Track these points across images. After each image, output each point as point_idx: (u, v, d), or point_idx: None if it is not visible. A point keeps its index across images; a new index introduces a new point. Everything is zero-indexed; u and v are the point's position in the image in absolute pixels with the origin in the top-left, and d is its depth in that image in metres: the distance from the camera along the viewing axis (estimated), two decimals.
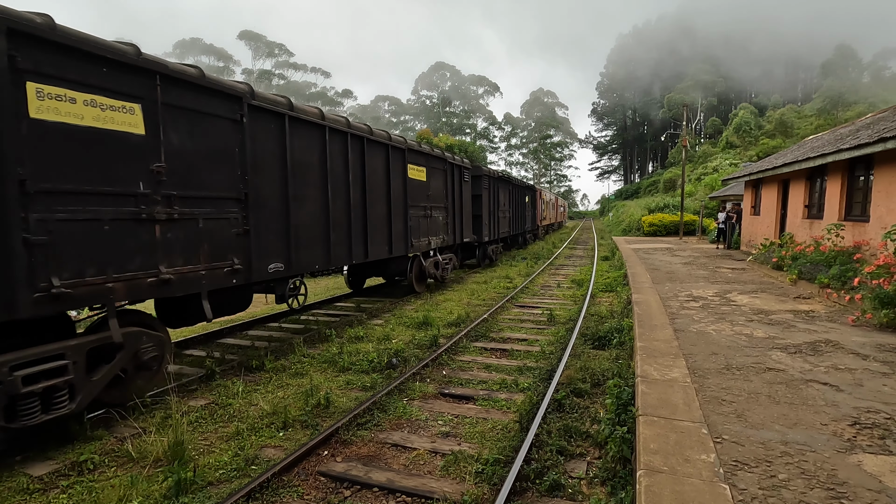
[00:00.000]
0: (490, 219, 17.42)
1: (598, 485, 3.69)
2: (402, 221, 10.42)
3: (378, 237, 9.46)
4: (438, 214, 12.24)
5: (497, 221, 18.57)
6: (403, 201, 10.47)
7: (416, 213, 10.99)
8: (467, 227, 14.51)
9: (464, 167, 14.07)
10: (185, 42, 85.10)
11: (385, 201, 9.74)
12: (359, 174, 8.81)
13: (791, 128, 54.32)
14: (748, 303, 8.60)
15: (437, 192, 12.22)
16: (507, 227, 20.85)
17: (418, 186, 11.15)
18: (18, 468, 4.03)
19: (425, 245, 11.50)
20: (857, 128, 13.01)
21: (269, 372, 6.28)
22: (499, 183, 18.78)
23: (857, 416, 3.92)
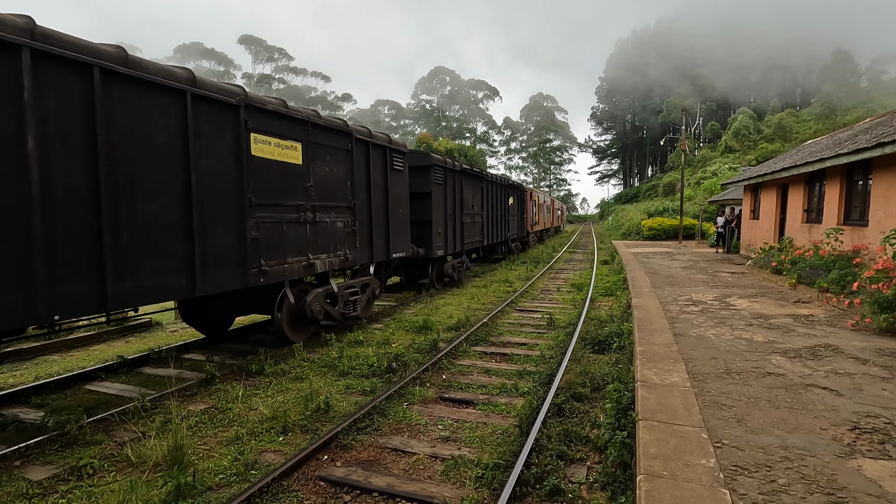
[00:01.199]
0: (448, 225, 13.29)
1: (598, 489, 3.69)
2: (235, 230, 6.14)
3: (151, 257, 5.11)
4: (337, 219, 8.07)
5: (460, 228, 14.27)
6: (236, 195, 6.13)
7: (276, 216, 6.78)
8: (399, 237, 10.23)
9: (392, 149, 9.74)
10: (186, 46, 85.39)
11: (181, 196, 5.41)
12: None
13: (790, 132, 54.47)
14: (748, 307, 8.61)
15: (332, 185, 7.94)
16: (480, 235, 16.47)
17: (283, 172, 6.89)
18: (18, 473, 4.02)
19: (299, 269, 7.18)
20: (855, 132, 13.06)
21: (269, 376, 6.28)
22: (462, 178, 14.52)
23: (856, 420, 3.92)
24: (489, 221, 17.64)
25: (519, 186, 23.67)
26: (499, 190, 19.03)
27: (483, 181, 16.87)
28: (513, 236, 21.88)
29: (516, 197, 22.71)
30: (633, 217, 40.57)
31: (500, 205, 19.23)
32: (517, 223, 23.04)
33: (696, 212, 32.77)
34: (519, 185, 23.85)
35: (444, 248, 13.03)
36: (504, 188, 19.93)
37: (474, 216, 15.85)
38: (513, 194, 21.70)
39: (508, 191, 20.74)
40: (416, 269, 13.53)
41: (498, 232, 18.97)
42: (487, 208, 17.42)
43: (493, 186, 18.10)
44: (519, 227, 23.46)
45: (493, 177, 18.22)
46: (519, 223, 23.44)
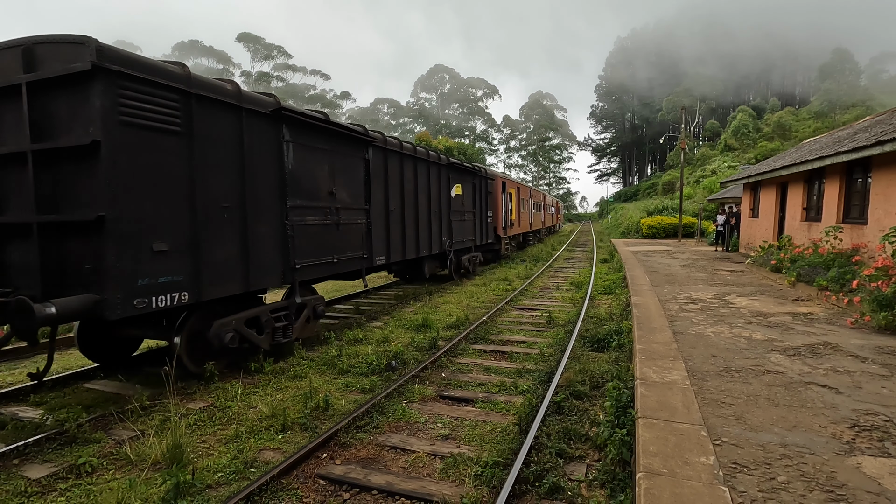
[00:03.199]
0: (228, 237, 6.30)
1: (598, 487, 3.69)
2: None
3: None
4: None
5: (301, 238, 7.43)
6: None
7: None
8: None
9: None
10: (185, 44, 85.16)
11: None
12: None
13: (789, 130, 54.51)
14: (747, 305, 8.61)
15: None
16: (361, 247, 8.90)
17: None
18: (16, 471, 4.01)
19: None
20: (854, 131, 13.06)
21: (268, 374, 6.27)
22: (307, 137, 7.46)
23: (856, 418, 3.92)
24: (398, 223, 10.21)
25: (477, 171, 15.64)
26: (428, 172, 11.64)
27: (379, 152, 9.43)
28: (464, 244, 14.43)
29: (474, 186, 15.32)
30: (633, 215, 40.60)
31: (431, 196, 11.84)
32: (476, 225, 15.57)
33: (695, 210, 32.80)
34: (477, 170, 15.70)
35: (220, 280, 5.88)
36: (441, 170, 12.50)
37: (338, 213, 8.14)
38: (463, 182, 14.13)
39: (451, 175, 13.18)
40: None
41: (425, 239, 11.49)
42: (393, 200, 10.02)
43: (407, 163, 10.58)
44: (481, 231, 16.15)
45: (402, 147, 10.36)
46: (479, 225, 15.98)
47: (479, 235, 16.24)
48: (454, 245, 13.67)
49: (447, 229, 13.13)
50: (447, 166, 13.02)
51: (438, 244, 12.55)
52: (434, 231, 12.17)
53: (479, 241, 16.13)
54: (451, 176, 13.41)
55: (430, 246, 11.95)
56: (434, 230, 12.16)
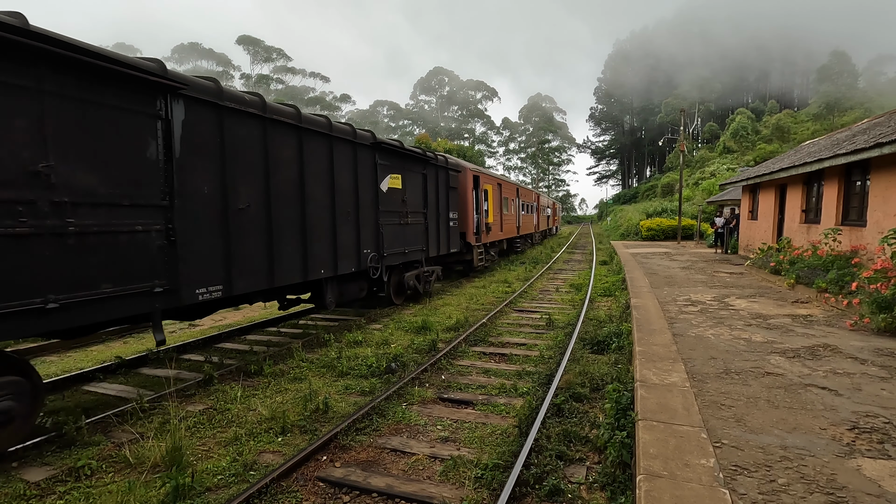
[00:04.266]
0: None
1: (598, 490, 3.69)
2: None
3: None
4: None
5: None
6: None
7: None
8: None
9: None
10: (184, 47, 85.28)
11: None
12: None
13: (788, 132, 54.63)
14: (746, 307, 8.62)
15: None
16: (218, 267, 5.84)
17: None
18: (15, 474, 4.00)
19: None
20: (853, 133, 13.09)
21: (268, 377, 6.26)
22: None
23: (855, 420, 3.92)
24: (257, 228, 6.51)
25: (430, 159, 11.76)
26: (331, 152, 7.97)
27: (204, 110, 5.69)
28: (407, 257, 10.68)
29: (426, 179, 11.51)
30: (632, 218, 40.64)
31: (337, 188, 8.11)
32: (431, 231, 11.88)
33: (694, 212, 32.85)
34: (430, 158, 11.79)
35: None
36: (361, 152, 8.78)
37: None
38: (406, 172, 10.50)
39: (381, 160, 9.43)
40: None
41: (323, 252, 7.84)
42: (243, 191, 6.32)
43: (278, 135, 6.83)
44: (439, 238, 12.44)
45: (265, 108, 6.58)
46: (437, 231, 12.26)
47: (437, 243, 12.28)
48: (388, 258, 9.73)
49: (373, 237, 9.14)
50: (372, 147, 9.06)
51: (354, 258, 8.53)
52: (344, 240, 8.22)
53: (436, 250, 12.20)
54: (383, 162, 9.44)
55: (334, 262, 7.97)
56: (344, 238, 8.22)
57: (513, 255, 23.23)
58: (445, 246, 12.96)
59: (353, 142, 8.46)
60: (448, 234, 13.11)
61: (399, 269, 10.83)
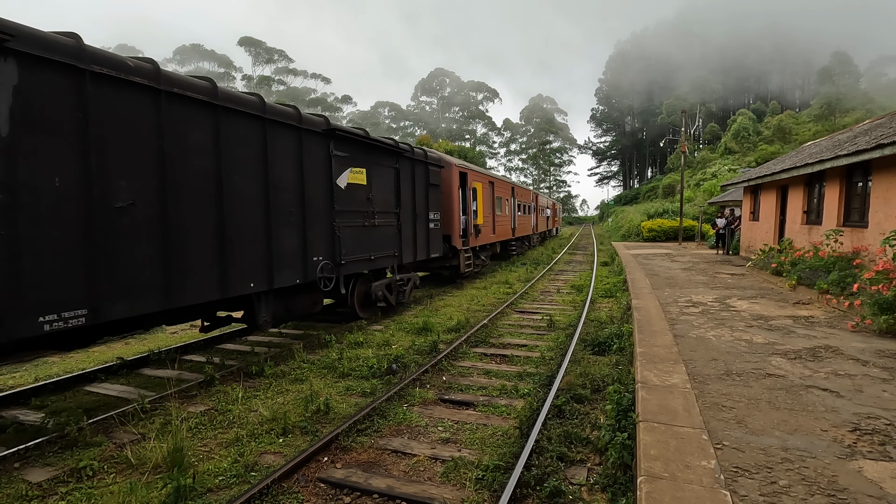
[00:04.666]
0: None
1: (599, 491, 3.68)
2: None
3: None
4: None
5: None
6: None
7: None
8: None
9: None
10: (186, 48, 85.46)
11: None
12: None
13: (789, 133, 54.56)
14: (748, 308, 8.61)
15: None
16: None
17: None
18: (17, 474, 4.01)
19: None
20: (854, 134, 13.07)
21: (269, 378, 6.27)
22: None
23: (857, 422, 3.92)
24: (149, 228, 5.00)
25: (403, 151, 10.21)
26: (264, 138, 6.45)
27: (55, 73, 4.20)
28: (374, 264, 9.18)
29: (398, 174, 10.05)
30: (633, 219, 40.60)
31: (272, 181, 6.57)
32: (406, 233, 10.40)
33: (695, 213, 32.82)
34: (403, 149, 10.24)
35: None
36: (308, 139, 7.32)
37: None
38: (371, 165, 8.98)
39: (337, 150, 7.98)
40: None
41: (255, 259, 6.31)
42: (128, 183, 4.82)
43: (181, 113, 5.32)
44: (416, 242, 10.97)
45: (159, 77, 5.03)
46: (413, 233, 10.77)
47: (413, 248, 10.78)
48: (349, 266, 8.25)
49: (326, 241, 7.67)
50: (325, 135, 7.61)
51: (298, 267, 7.03)
52: (284, 245, 6.73)
53: (412, 255, 10.71)
54: (341, 153, 7.96)
55: (268, 273, 6.42)
56: (285, 244, 6.73)
57: (508, 259, 21.83)
58: (424, 250, 11.47)
59: (298, 127, 7.00)
60: (427, 236, 11.60)
61: (365, 278, 9.44)
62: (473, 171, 15.44)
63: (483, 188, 16.18)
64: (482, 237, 16.09)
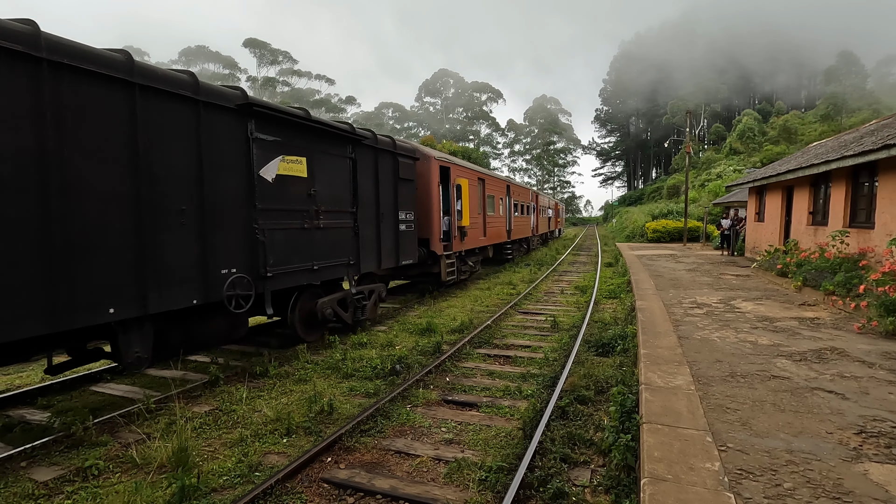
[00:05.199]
0: None
1: (602, 493, 3.68)
2: None
3: None
4: None
5: None
6: None
7: None
8: None
9: None
10: (191, 50, 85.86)
11: None
12: None
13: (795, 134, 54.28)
14: (753, 310, 8.56)
15: None
16: None
17: None
18: (24, 473, 4.05)
19: None
20: (861, 134, 12.99)
21: (273, 378, 6.29)
22: None
23: (862, 424, 3.89)
24: None
25: (361, 138, 8.44)
26: (177, 118, 5.21)
27: None
28: (319, 275, 7.51)
29: (354, 165, 8.35)
30: (637, 219, 40.49)
31: (155, 172, 4.97)
32: (367, 236, 8.75)
33: (700, 214, 32.69)
34: (360, 136, 8.44)
35: None
36: (218, 117, 5.68)
37: None
38: (316, 154, 7.37)
39: (264, 132, 6.34)
40: None
41: (114, 274, 4.60)
42: None
43: (79, 93, 4.30)
44: (382, 246, 9.31)
45: None
46: (377, 236, 9.12)
47: (376, 254, 9.05)
48: (279, 279, 6.59)
49: (243, 247, 6.05)
50: (241, 112, 5.97)
51: (195, 283, 5.44)
52: (171, 255, 5.17)
53: (375, 263, 9.03)
54: (267, 137, 6.37)
55: (141, 293, 4.84)
56: (171, 253, 5.18)
57: (502, 263, 20.07)
58: (392, 257, 9.67)
59: (194, 99, 5.34)
60: (396, 240, 9.80)
61: (313, 292, 7.78)
62: (458, 166, 13.81)
63: (470, 185, 14.47)
64: (469, 240, 14.41)
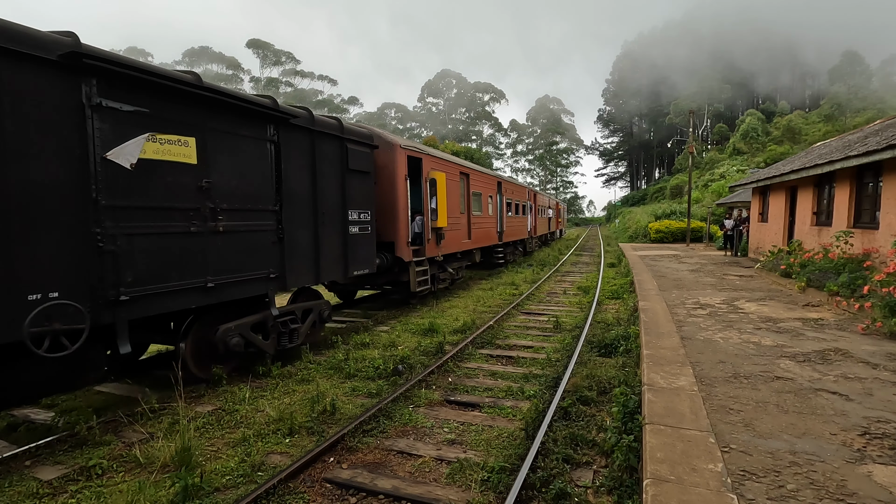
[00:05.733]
0: None
1: (605, 493, 3.67)
2: None
3: None
4: None
5: None
6: None
7: None
8: None
9: None
10: (195, 50, 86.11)
11: None
12: None
13: (799, 134, 54.09)
14: (756, 310, 8.54)
15: None
16: None
17: None
18: (28, 472, 4.07)
19: None
20: (865, 134, 12.93)
21: (276, 378, 6.30)
22: None
23: (866, 425, 3.88)
24: None
25: (282, 115, 6.39)
26: None
27: None
28: (222, 294, 5.75)
29: (275, 150, 6.47)
30: (640, 220, 40.42)
31: None
32: (299, 241, 6.99)
33: (703, 214, 32.60)
34: (281, 112, 6.37)
35: None
36: (32, 70, 3.91)
37: None
38: (210, 133, 5.52)
39: (98, 93, 4.33)
40: None
41: None
42: None
43: None
44: (330, 252, 7.66)
45: None
46: (310, 241, 7.24)
47: (314, 264, 7.33)
48: (146, 303, 4.93)
49: (68, 260, 4.25)
50: (69, 67, 4.19)
51: None
52: None
53: (311, 276, 7.32)
54: (120, 105, 4.61)
55: None
56: None
57: (497, 267, 18.71)
58: (338, 267, 7.70)
59: None
60: (344, 246, 7.81)
61: (212, 316, 5.99)
62: (433, 157, 11.70)
63: (449, 180, 12.44)
64: (448, 244, 12.46)
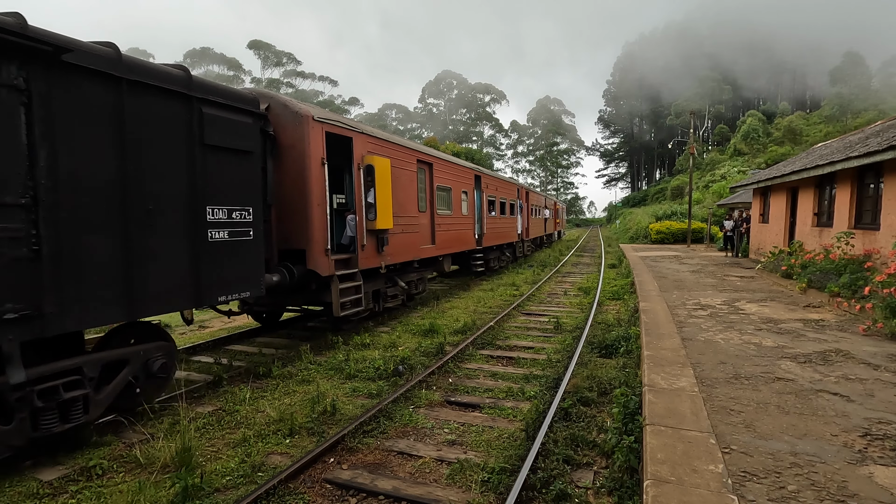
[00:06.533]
0: None
1: (605, 494, 3.67)
2: None
3: None
4: None
5: None
6: None
7: None
8: None
9: None
10: (196, 51, 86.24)
11: None
12: None
13: (800, 135, 54.07)
14: (757, 311, 8.53)
15: None
16: None
17: None
18: (29, 473, 4.07)
19: None
20: (866, 135, 12.92)
21: (276, 379, 6.31)
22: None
23: (868, 426, 3.87)
24: None
25: (39, 41, 3.63)
26: None
27: None
28: None
29: (63, 112, 3.90)
30: (641, 220, 40.42)
31: None
32: (52, 257, 3.86)
33: (704, 215, 32.59)
34: (48, 40, 3.69)
35: None
36: None
37: None
38: None
39: None
40: None
41: None
42: None
43: None
44: (129, 272, 4.45)
45: None
46: (107, 253, 4.27)
47: (128, 290, 4.46)
48: None
49: None
50: None
51: None
52: None
53: (121, 307, 4.44)
54: None
55: None
56: None
57: (485, 274, 16.71)
58: (182, 292, 5.09)
59: None
60: (196, 258, 5.21)
61: None
62: (369, 137, 8.60)
63: (396, 168, 9.38)
64: (396, 250, 9.46)
